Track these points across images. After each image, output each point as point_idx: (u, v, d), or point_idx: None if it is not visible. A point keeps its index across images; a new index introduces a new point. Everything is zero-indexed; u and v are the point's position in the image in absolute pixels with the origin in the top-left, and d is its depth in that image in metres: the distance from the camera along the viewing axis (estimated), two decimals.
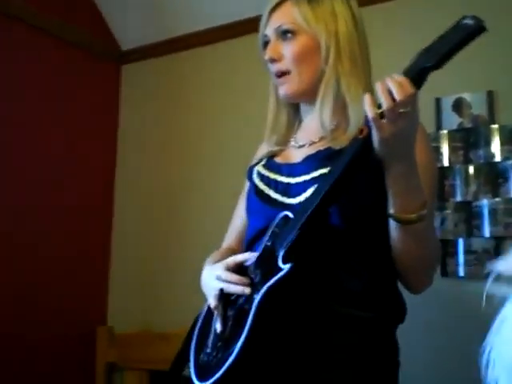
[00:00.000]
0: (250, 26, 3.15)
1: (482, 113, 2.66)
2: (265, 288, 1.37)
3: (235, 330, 1.43)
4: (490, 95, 2.65)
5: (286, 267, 1.35)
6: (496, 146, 2.61)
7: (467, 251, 2.59)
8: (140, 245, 3.54)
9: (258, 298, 1.38)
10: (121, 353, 3.30)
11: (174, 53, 3.61)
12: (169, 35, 3.60)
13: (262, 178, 1.67)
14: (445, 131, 2.71)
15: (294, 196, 1.55)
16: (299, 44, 1.61)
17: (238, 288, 1.47)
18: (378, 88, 1.26)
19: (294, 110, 1.76)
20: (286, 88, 1.65)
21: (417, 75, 1.26)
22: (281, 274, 1.35)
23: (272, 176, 1.65)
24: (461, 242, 2.62)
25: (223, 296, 1.52)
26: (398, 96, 1.23)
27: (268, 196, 1.62)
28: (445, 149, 2.69)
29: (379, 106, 1.25)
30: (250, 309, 1.39)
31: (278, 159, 1.71)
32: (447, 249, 2.63)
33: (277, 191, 1.61)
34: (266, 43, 1.69)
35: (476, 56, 2.60)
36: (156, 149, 3.61)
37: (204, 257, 1.76)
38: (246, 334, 1.36)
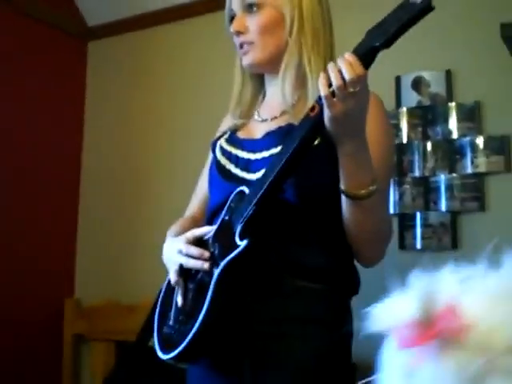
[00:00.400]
0: (217, 3, 3.17)
1: (440, 91, 2.68)
2: (223, 263, 1.39)
3: (196, 304, 1.45)
4: (448, 74, 2.67)
5: (242, 244, 1.37)
6: (453, 124, 2.63)
7: (424, 225, 2.62)
8: (106, 219, 3.52)
9: (217, 272, 1.40)
10: (88, 324, 3.29)
11: (141, 29, 3.57)
12: (136, 11, 3.55)
13: (224, 152, 1.67)
14: (404, 108, 2.72)
15: (253, 172, 1.54)
16: (264, 16, 1.60)
17: (197, 263, 1.48)
18: (330, 67, 1.26)
19: (258, 82, 1.75)
20: (249, 57, 1.63)
21: (366, 54, 1.25)
22: (237, 250, 1.37)
23: (234, 151, 1.65)
24: (418, 215, 2.64)
25: (183, 270, 1.53)
26: (347, 75, 1.23)
27: (229, 171, 1.62)
28: (404, 125, 2.71)
29: (331, 85, 1.25)
30: (210, 282, 1.41)
31: (240, 134, 1.70)
32: (405, 222, 2.66)
33: (237, 166, 1.60)
34: (232, 18, 1.67)
35: (435, 36, 2.62)
36: (121, 125, 3.58)
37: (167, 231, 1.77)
38: (206, 308, 1.39)
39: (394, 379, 0.72)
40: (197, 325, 1.39)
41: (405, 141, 2.69)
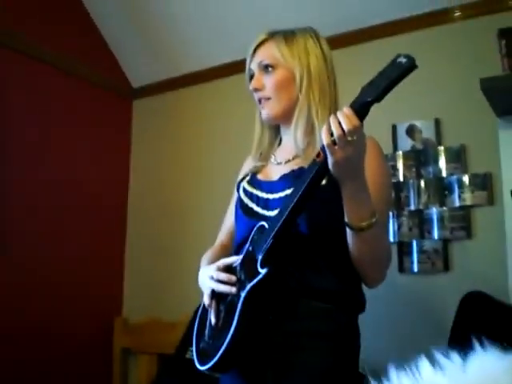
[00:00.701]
0: (242, 66, 3.19)
1: (430, 137, 2.67)
2: (248, 287, 1.41)
3: (226, 322, 1.47)
4: (437, 122, 2.66)
5: (262, 271, 1.38)
6: (442, 164, 2.61)
7: (420, 251, 2.59)
8: (149, 250, 3.52)
9: (243, 294, 1.42)
10: (134, 339, 3.28)
11: (179, 89, 3.60)
12: (174, 74, 3.59)
13: (246, 193, 1.69)
14: (400, 152, 2.71)
15: (272, 209, 1.56)
16: (278, 76, 1.64)
17: (226, 287, 1.50)
18: (331, 120, 1.27)
19: (274, 131, 1.78)
20: (267, 111, 1.67)
21: (361, 108, 1.27)
22: (259, 277, 1.39)
23: (254, 192, 1.67)
24: (415, 243, 2.62)
25: (215, 293, 1.56)
26: (345, 127, 1.24)
27: (251, 209, 1.64)
28: (400, 167, 2.70)
29: (332, 135, 1.26)
30: (237, 303, 1.43)
31: (259, 176, 1.72)
32: (403, 249, 2.63)
33: (258, 205, 1.63)
34: (251, 76, 1.71)
35: (425, 90, 2.63)
36: (162, 171, 3.60)
37: (202, 257, 1.78)
38: (234, 325, 1.40)
39: None
40: (227, 340, 1.40)
41: (401, 179, 2.68)
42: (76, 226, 3.29)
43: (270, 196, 1.61)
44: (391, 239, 2.63)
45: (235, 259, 1.56)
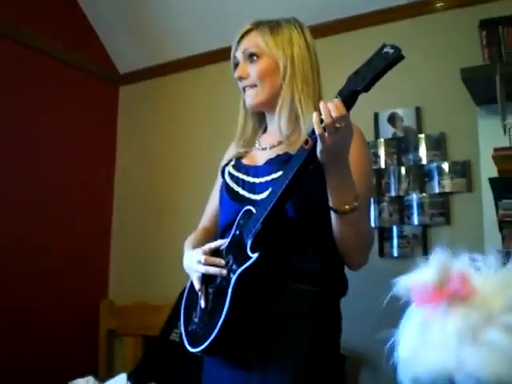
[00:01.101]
0: (228, 53, 3.18)
1: (411, 125, 2.69)
2: (238, 271, 1.42)
3: (216, 305, 1.47)
4: (418, 110, 2.68)
5: (254, 256, 1.40)
6: (423, 152, 2.63)
7: (400, 236, 2.62)
8: (135, 234, 3.53)
9: (233, 278, 1.43)
10: (119, 322, 3.29)
11: (164, 76, 3.59)
12: (160, 60, 3.57)
13: (232, 177, 1.69)
14: (381, 139, 2.73)
15: (258, 193, 1.57)
16: (262, 64, 1.64)
17: (216, 270, 1.50)
18: (321, 108, 1.28)
19: (259, 118, 1.78)
20: (251, 99, 1.67)
21: (348, 97, 1.28)
22: (250, 261, 1.40)
23: (240, 176, 1.67)
24: (395, 228, 2.64)
25: (204, 277, 1.56)
26: (334, 114, 1.26)
27: (237, 192, 1.64)
28: (381, 154, 2.71)
29: (321, 122, 1.28)
30: (228, 287, 1.43)
31: (244, 161, 1.73)
32: (384, 234, 2.66)
33: (244, 189, 1.63)
34: (236, 64, 1.71)
35: (406, 78, 2.63)
36: (148, 156, 3.60)
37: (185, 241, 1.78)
38: (226, 308, 1.41)
39: (412, 331, 0.78)
40: (219, 323, 1.41)
41: (383, 166, 2.70)
42: (62, 211, 3.28)
43: (257, 180, 1.61)
44: (372, 224, 2.64)
45: (221, 243, 1.57)
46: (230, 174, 1.71)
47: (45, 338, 3.06)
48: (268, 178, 1.57)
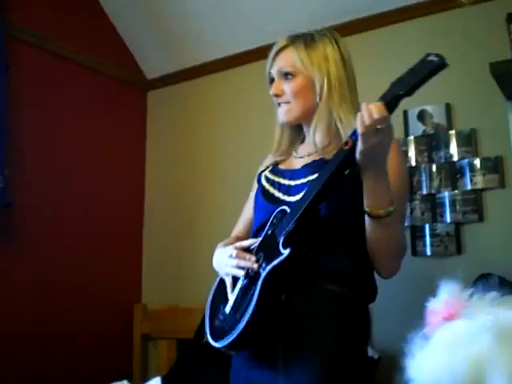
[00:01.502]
0: (254, 56, 3.19)
1: (441, 121, 2.66)
2: (269, 267, 1.42)
3: (244, 300, 1.48)
4: (448, 107, 2.65)
5: (285, 252, 1.40)
6: (453, 148, 2.60)
7: (432, 234, 2.59)
8: (167, 242, 3.55)
9: (263, 274, 1.44)
10: (153, 325, 3.31)
11: (191, 80, 3.61)
12: (187, 64, 3.60)
13: (268, 180, 1.72)
14: (411, 137, 2.70)
15: (293, 195, 1.58)
16: (297, 83, 1.64)
17: (247, 263, 1.51)
18: (363, 109, 1.30)
19: (295, 130, 1.79)
20: (285, 115, 1.69)
21: (391, 101, 1.30)
22: (282, 257, 1.40)
23: (276, 179, 1.69)
24: (427, 226, 2.61)
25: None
26: (376, 116, 1.27)
27: (272, 195, 1.66)
28: (412, 151, 2.69)
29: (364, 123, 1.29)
30: (257, 283, 1.44)
31: (281, 166, 1.75)
32: (416, 233, 2.63)
33: (280, 191, 1.65)
34: (271, 79, 1.73)
35: (435, 76, 2.60)
36: (177, 159, 3.62)
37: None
38: (254, 303, 1.42)
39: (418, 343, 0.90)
40: (246, 318, 1.42)
41: (413, 164, 2.67)
42: (95, 217, 3.32)
43: (292, 182, 1.63)
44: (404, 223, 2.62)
45: (253, 241, 1.58)
46: (266, 177, 1.74)
47: (81, 342, 3.10)
48: (304, 181, 1.59)
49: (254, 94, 3.25)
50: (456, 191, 2.56)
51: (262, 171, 1.79)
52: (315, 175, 1.50)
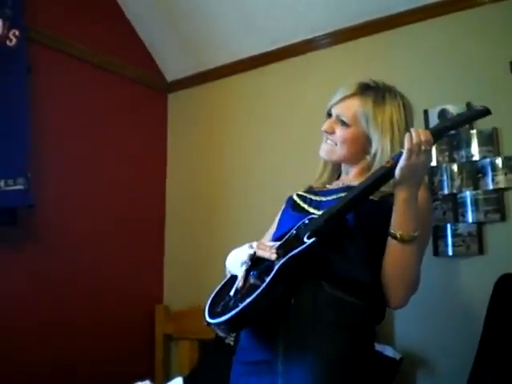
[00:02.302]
0: (273, 57, 3.20)
1: None
2: (291, 253, 1.43)
3: (252, 288, 1.45)
4: (469, 106, 2.62)
5: (309, 241, 1.43)
6: (475, 148, 2.58)
7: (454, 234, 2.57)
8: (188, 243, 3.56)
9: (283, 259, 1.43)
10: (175, 326, 3.33)
11: (211, 82, 3.62)
12: (207, 66, 3.61)
13: (300, 196, 1.76)
14: None
15: (323, 209, 1.58)
16: (349, 133, 1.70)
17: (266, 253, 1.51)
18: (412, 131, 1.42)
19: (337, 168, 1.86)
20: (326, 153, 1.77)
21: (436, 130, 1.48)
22: (305, 244, 1.43)
23: (308, 196, 1.74)
24: (449, 226, 2.59)
25: (252, 259, 1.55)
26: (423, 138, 1.40)
27: (302, 207, 1.70)
28: (433, 151, 2.67)
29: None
30: (273, 268, 1.43)
31: (315, 188, 1.82)
32: (438, 233, 2.61)
33: (310, 206, 1.68)
34: (329, 114, 1.77)
35: (456, 74, 2.60)
36: (199, 161, 3.63)
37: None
38: (263, 287, 1.39)
39: None
40: (250, 298, 1.39)
41: (435, 164, 2.65)
42: (117, 217, 3.35)
43: (324, 198, 1.67)
44: None
45: (275, 243, 1.57)
46: (298, 195, 1.78)
47: (105, 342, 3.13)
48: (335, 197, 1.63)
49: (273, 95, 3.25)
50: (478, 191, 2.54)
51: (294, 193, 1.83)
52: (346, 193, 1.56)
